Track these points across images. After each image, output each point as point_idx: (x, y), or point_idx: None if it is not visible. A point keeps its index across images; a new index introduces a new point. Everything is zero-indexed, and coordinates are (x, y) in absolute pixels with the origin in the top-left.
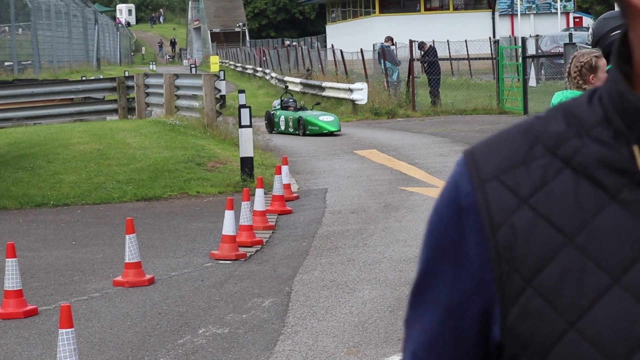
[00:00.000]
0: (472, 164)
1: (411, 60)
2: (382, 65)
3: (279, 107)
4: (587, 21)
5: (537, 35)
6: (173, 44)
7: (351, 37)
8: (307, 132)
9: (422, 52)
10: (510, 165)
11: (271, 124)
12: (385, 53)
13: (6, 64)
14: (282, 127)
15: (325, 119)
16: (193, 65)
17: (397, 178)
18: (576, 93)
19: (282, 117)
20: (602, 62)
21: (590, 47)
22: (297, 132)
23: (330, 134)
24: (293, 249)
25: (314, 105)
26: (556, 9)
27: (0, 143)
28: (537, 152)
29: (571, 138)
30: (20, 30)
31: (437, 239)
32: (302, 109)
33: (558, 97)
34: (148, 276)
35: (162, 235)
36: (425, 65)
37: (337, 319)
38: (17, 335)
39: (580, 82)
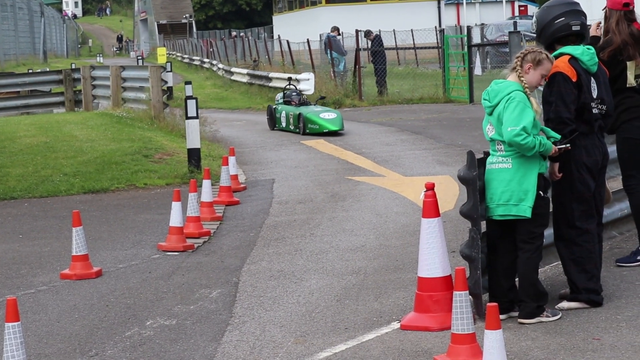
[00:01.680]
0: None
1: (357, 50)
2: (329, 55)
3: (282, 101)
4: (532, 9)
5: (483, 24)
6: (120, 39)
7: (298, 27)
8: (307, 131)
9: (369, 40)
10: None
11: (273, 120)
12: (331, 43)
13: None
14: (284, 124)
15: (327, 117)
16: (140, 57)
17: (344, 168)
18: (498, 82)
19: (283, 112)
20: (549, 66)
21: (535, 35)
22: (297, 129)
23: (333, 133)
24: (240, 240)
25: (318, 100)
26: None
27: None
28: None
29: None
30: None
31: None
32: (305, 103)
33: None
34: (95, 269)
35: (109, 228)
36: (370, 54)
37: (284, 308)
38: None
39: (519, 66)
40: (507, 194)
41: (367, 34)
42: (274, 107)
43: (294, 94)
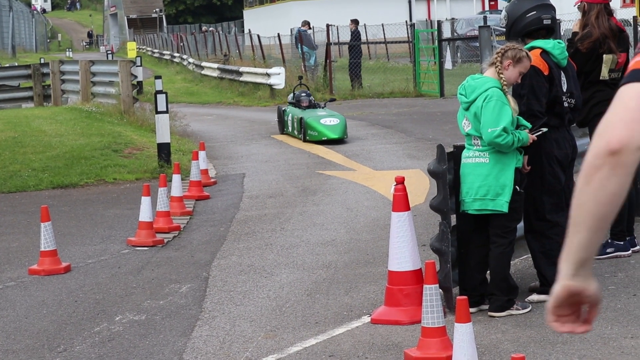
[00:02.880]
0: None
1: (328, 44)
2: (300, 49)
3: (291, 102)
4: (502, 4)
5: (453, 19)
6: (90, 35)
7: (268, 22)
8: (308, 138)
9: (350, 30)
10: None
11: (282, 123)
12: (302, 37)
13: None
14: (290, 128)
15: (327, 123)
16: (110, 52)
17: (314, 162)
18: (475, 77)
19: (290, 115)
20: (528, 64)
21: (505, 29)
22: (300, 135)
23: (337, 141)
24: (211, 235)
25: (327, 102)
26: None
27: None
28: None
29: None
30: None
31: None
32: (314, 105)
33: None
34: (64, 264)
35: (78, 223)
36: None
37: (254, 303)
38: None
39: (499, 62)
40: (484, 188)
41: (353, 21)
42: (283, 108)
43: (303, 94)
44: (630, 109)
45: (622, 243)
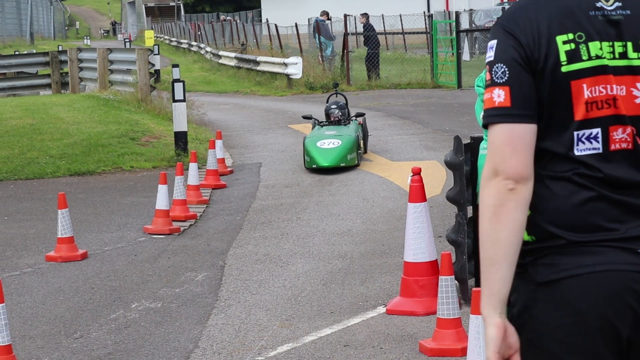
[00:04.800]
0: None
1: (346, 34)
2: (317, 39)
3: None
4: None
5: (471, 10)
6: (114, 24)
7: (287, 11)
8: (305, 166)
9: (361, 23)
10: None
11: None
12: (320, 27)
13: None
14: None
15: (324, 146)
16: (127, 40)
17: None
18: None
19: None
20: None
21: None
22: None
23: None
24: (227, 223)
25: (356, 116)
26: None
27: None
28: None
29: None
30: None
31: None
32: (339, 121)
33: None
34: (81, 251)
35: (95, 210)
36: (363, 39)
37: (270, 292)
38: None
39: None
40: None
41: (363, 15)
42: (315, 121)
43: (333, 106)
44: (509, 153)
45: None
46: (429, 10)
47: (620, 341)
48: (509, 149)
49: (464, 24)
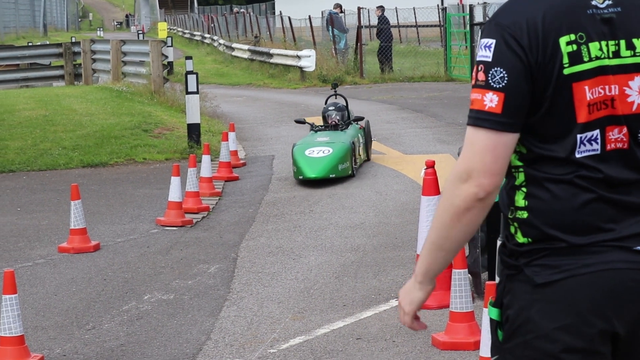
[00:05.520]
0: None
1: (359, 27)
2: (330, 32)
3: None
4: None
5: (485, 3)
6: (128, 17)
7: (300, 4)
8: (294, 176)
9: (376, 16)
10: None
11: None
12: (333, 20)
13: None
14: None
15: (313, 155)
16: (141, 32)
17: None
18: None
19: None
20: None
21: None
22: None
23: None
24: (239, 216)
25: (354, 120)
26: None
27: None
28: None
29: None
30: None
31: None
32: (337, 125)
33: None
34: (93, 242)
35: (108, 202)
36: (377, 32)
37: (282, 285)
38: None
39: None
40: None
41: (379, 8)
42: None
43: (331, 108)
44: (490, 161)
45: None
46: (442, 4)
47: (618, 339)
48: (491, 157)
49: (478, 17)
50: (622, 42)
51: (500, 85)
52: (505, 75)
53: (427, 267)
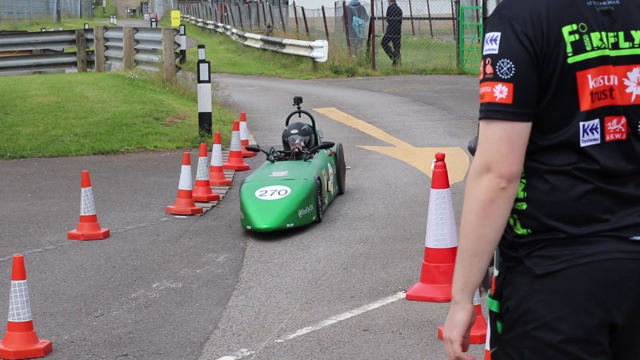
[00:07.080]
0: None
1: (372, 18)
2: (353, 21)
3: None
4: None
5: None
6: (142, 5)
7: None
8: (241, 225)
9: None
10: None
11: None
12: (360, 11)
13: None
14: None
15: (265, 197)
16: (154, 20)
17: (355, 136)
18: None
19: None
20: None
21: None
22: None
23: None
24: None
25: (324, 146)
26: None
27: None
28: None
29: None
30: None
31: None
32: (300, 154)
33: None
34: (103, 229)
35: (118, 189)
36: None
37: (290, 275)
38: None
39: None
40: None
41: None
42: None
43: (294, 131)
44: (506, 151)
45: None
46: None
47: (616, 330)
48: (506, 147)
49: (491, 10)
50: (621, 34)
51: (509, 76)
52: (513, 66)
53: (464, 281)
